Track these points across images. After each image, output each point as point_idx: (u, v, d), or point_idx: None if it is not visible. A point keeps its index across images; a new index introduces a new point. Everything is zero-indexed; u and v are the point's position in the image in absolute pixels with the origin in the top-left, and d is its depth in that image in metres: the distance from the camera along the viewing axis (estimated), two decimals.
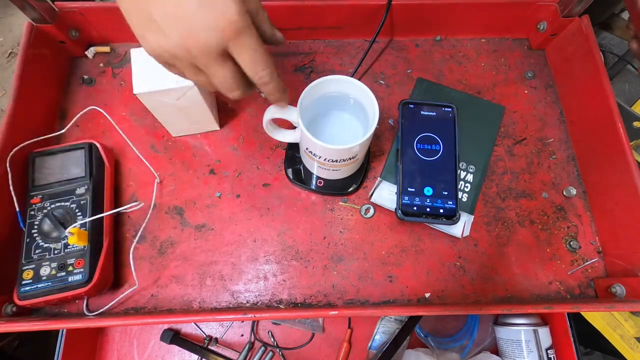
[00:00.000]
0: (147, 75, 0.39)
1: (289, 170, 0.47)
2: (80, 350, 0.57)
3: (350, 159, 0.41)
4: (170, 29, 0.24)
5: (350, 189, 0.47)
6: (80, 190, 0.42)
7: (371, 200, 0.47)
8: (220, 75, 0.28)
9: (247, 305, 0.43)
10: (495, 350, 0.60)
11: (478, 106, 0.51)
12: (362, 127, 0.43)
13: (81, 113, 0.48)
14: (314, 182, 0.47)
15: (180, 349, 0.60)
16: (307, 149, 0.41)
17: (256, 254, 0.45)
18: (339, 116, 0.45)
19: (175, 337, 0.59)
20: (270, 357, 0.61)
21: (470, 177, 0.47)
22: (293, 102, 0.39)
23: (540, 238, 0.46)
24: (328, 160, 0.40)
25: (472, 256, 0.45)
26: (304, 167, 0.47)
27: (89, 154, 0.44)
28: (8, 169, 0.41)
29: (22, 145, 0.43)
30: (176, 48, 0.25)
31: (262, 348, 0.61)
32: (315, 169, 0.45)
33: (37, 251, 0.39)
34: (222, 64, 0.27)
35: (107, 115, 0.49)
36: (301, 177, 0.47)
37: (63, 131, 0.48)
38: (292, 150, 0.48)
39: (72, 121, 0.48)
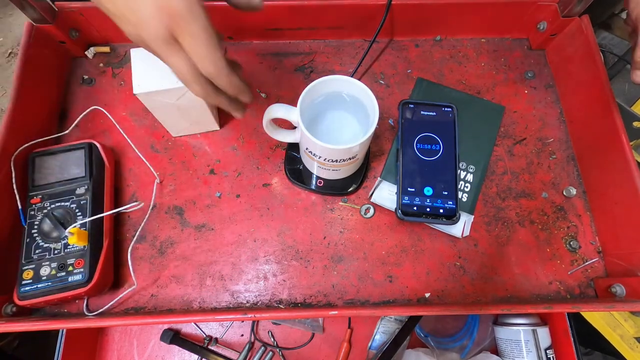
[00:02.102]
0: (147, 75, 0.39)
1: (289, 170, 0.47)
2: (80, 350, 0.57)
3: (350, 159, 0.41)
4: (124, 20, 0.25)
5: (350, 189, 0.47)
6: (80, 190, 0.42)
7: (371, 200, 0.47)
8: (174, 65, 0.26)
9: (247, 305, 0.43)
10: (495, 350, 0.60)
11: (478, 106, 0.51)
12: (362, 127, 0.43)
13: (84, 113, 0.49)
14: (314, 182, 0.47)
15: (180, 349, 0.60)
16: (307, 149, 0.41)
17: (256, 254, 0.45)
18: (339, 116, 0.45)
19: (175, 337, 0.59)
20: (270, 357, 0.61)
21: (470, 177, 0.47)
22: (293, 102, 0.39)
23: (540, 238, 0.46)
24: (328, 160, 0.40)
25: (472, 256, 0.45)
26: (304, 167, 0.47)
27: (89, 154, 0.44)
28: (12, 169, 0.42)
29: (26, 145, 0.43)
30: (133, 37, 0.25)
31: (262, 348, 0.61)
32: (315, 169, 0.45)
33: (37, 251, 0.39)
34: (173, 53, 0.26)
35: (109, 116, 0.49)
36: (301, 177, 0.47)
37: (67, 131, 0.48)
38: (292, 150, 0.48)
39: (76, 121, 0.48)
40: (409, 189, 0.44)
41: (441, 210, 0.43)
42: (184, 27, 0.25)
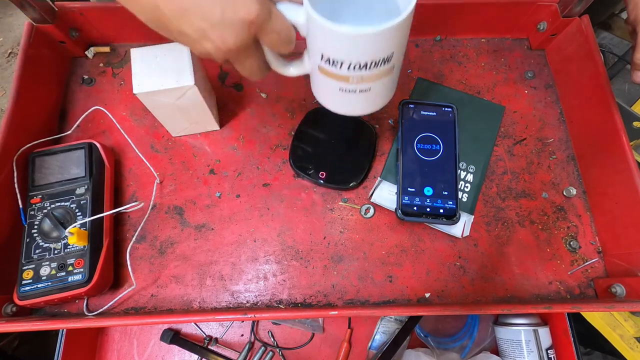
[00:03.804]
0: (147, 75, 0.39)
1: (294, 161, 0.47)
2: (80, 350, 0.57)
3: (384, 61, 0.30)
4: (205, 38, 0.26)
5: (352, 183, 0.47)
6: (80, 190, 0.42)
7: (371, 200, 0.47)
8: (247, 66, 0.29)
9: (247, 305, 0.43)
10: (496, 350, 0.60)
11: (478, 106, 0.51)
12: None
13: (86, 114, 0.49)
14: (317, 175, 0.46)
15: (180, 349, 0.60)
16: (322, 57, 0.30)
17: (256, 254, 0.45)
18: (363, 9, 0.35)
19: (175, 337, 0.59)
20: (270, 357, 0.61)
21: (470, 177, 0.47)
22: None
23: (540, 238, 0.46)
24: (355, 68, 0.30)
25: (472, 256, 0.45)
26: (309, 154, 0.47)
27: (89, 154, 0.44)
28: (14, 169, 0.42)
29: (28, 145, 0.44)
30: (214, 52, 0.27)
31: (262, 348, 0.61)
32: (336, 98, 0.35)
33: (37, 251, 0.40)
34: (249, 56, 0.29)
35: (110, 116, 0.49)
36: (305, 168, 0.47)
37: (70, 132, 0.48)
38: (298, 140, 0.48)
39: (78, 122, 0.48)
40: (409, 189, 0.44)
41: (441, 210, 0.43)
42: (268, 29, 0.27)
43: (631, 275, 0.41)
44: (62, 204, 0.42)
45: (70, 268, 0.39)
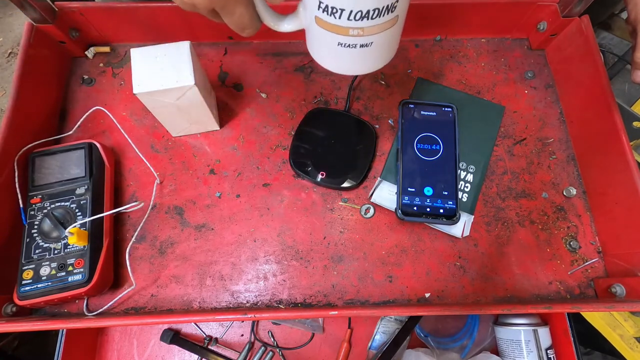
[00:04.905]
0: (147, 75, 0.39)
1: (294, 160, 0.47)
2: (80, 350, 0.57)
3: (387, 9, 0.27)
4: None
5: (352, 183, 0.47)
6: (80, 190, 0.42)
7: (371, 200, 0.47)
8: (237, 17, 0.28)
9: (247, 305, 0.43)
10: (496, 350, 0.60)
11: (478, 106, 0.51)
12: None
13: (87, 114, 0.49)
14: (317, 175, 0.46)
15: (180, 349, 0.60)
16: (319, 5, 0.27)
17: (256, 254, 0.45)
18: None
19: (175, 337, 0.59)
20: (270, 357, 0.61)
21: (470, 177, 0.47)
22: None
23: (540, 238, 0.46)
24: (357, 17, 0.27)
25: (472, 256, 0.45)
26: (309, 154, 0.47)
27: (89, 154, 0.44)
28: (15, 169, 0.42)
29: (29, 146, 0.44)
30: (200, 2, 0.27)
31: (262, 348, 0.61)
32: (334, 55, 0.32)
33: (37, 251, 0.40)
34: (238, 3, 0.28)
35: (110, 116, 0.49)
36: (305, 168, 0.47)
37: (71, 132, 0.48)
38: (298, 140, 0.48)
39: (79, 123, 0.48)
40: (409, 189, 0.44)
41: (441, 210, 0.43)
42: None
43: (631, 275, 0.41)
44: (62, 204, 0.42)
45: (70, 268, 0.39)
